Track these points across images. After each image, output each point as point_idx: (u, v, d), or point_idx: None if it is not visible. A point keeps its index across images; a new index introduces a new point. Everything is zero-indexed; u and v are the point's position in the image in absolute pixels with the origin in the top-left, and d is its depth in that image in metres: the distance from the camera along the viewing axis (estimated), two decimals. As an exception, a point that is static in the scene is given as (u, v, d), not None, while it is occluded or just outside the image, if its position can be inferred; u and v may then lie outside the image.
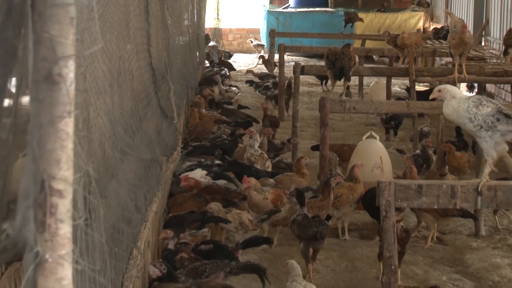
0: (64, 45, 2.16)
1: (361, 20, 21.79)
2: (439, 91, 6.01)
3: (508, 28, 18.90)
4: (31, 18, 2.22)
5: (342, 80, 12.39)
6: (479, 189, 5.71)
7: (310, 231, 7.74)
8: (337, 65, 11.95)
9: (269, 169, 10.63)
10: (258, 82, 18.84)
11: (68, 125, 2.18)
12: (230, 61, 22.61)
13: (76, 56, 2.20)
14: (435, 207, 7.52)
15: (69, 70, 2.16)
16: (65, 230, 2.17)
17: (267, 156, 10.91)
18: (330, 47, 13.68)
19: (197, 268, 6.91)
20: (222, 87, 17.72)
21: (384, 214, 5.76)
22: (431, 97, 6.54)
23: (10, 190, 2.64)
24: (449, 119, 6.12)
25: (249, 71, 20.11)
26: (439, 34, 20.16)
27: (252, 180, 8.76)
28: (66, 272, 2.17)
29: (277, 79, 17.77)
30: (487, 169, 5.79)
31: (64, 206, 2.17)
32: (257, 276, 7.42)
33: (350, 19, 20.91)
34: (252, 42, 25.91)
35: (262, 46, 25.50)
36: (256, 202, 8.70)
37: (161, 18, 10.61)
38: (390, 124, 13.79)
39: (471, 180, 6.06)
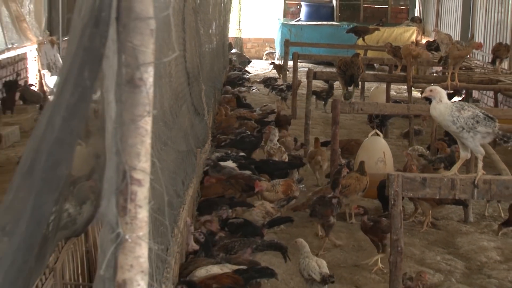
0: (145, 53, 2.16)
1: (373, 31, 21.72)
2: (431, 91, 6.01)
3: (490, 41, 18.92)
4: (116, 30, 2.22)
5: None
6: (475, 182, 5.71)
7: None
8: (348, 73, 11.93)
9: (286, 160, 10.66)
10: (274, 84, 18.95)
11: (147, 123, 2.18)
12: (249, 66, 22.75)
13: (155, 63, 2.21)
14: (437, 197, 7.55)
15: (149, 75, 2.17)
16: (143, 214, 2.18)
17: (284, 150, 10.91)
18: (341, 58, 13.68)
19: (227, 245, 6.93)
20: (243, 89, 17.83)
21: (392, 202, 5.76)
22: (423, 95, 6.57)
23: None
24: (436, 120, 6.12)
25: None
26: (431, 46, 20.14)
27: (263, 184, 8.78)
28: (143, 251, 2.18)
29: (279, 81, 18.22)
30: (480, 164, 5.80)
31: (142, 193, 2.18)
32: (277, 253, 7.46)
33: (364, 32, 20.80)
34: (266, 51, 26.13)
35: (273, 53, 25.66)
36: (270, 199, 8.72)
37: (195, 28, 10.65)
38: (375, 123, 13.72)
39: (469, 175, 6.01)
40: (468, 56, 19.64)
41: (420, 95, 14.62)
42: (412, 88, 13.74)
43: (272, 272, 6.44)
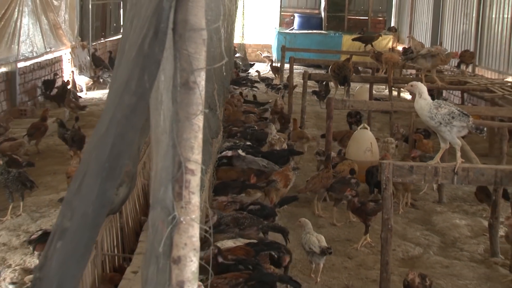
0: (198, 60, 2.13)
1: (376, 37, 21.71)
2: (411, 86, 6.00)
3: (457, 48, 18.92)
4: (173, 39, 2.18)
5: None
6: (455, 170, 5.68)
7: None
8: (341, 75, 11.95)
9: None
10: (272, 84, 18.99)
11: (200, 120, 2.15)
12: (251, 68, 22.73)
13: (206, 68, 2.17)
14: (422, 183, 7.58)
15: (201, 79, 2.14)
16: (195, 199, 2.15)
17: (283, 139, 10.86)
18: (334, 62, 13.74)
19: (238, 219, 6.88)
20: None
21: (384, 186, 5.72)
22: (404, 89, 6.56)
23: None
24: (418, 114, 6.09)
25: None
26: (407, 52, 20.16)
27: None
28: (195, 231, 2.15)
29: (275, 81, 18.36)
30: (458, 154, 5.76)
31: (195, 181, 2.15)
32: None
33: (370, 40, 21.25)
34: (261, 54, 26.13)
35: (269, 57, 25.67)
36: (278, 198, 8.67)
37: (209, 35, 10.59)
38: (353, 119, 13.64)
39: (449, 163, 5.97)
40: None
41: (396, 94, 14.70)
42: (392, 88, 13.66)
43: (279, 245, 6.42)
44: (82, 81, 18.10)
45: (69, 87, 16.35)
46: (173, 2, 2.09)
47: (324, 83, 17.26)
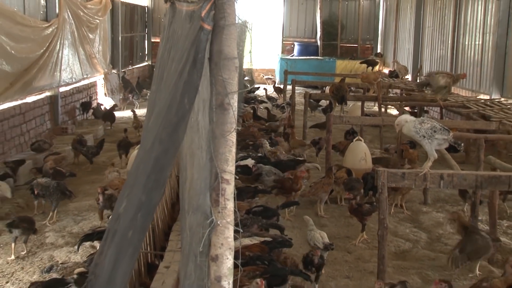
0: (232, 84, 2.13)
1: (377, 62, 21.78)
2: (397, 125, 5.93)
3: (435, 70, 18.91)
4: (209, 67, 2.18)
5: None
6: (421, 175, 5.68)
7: None
8: (339, 95, 11.96)
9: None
10: (276, 103, 18.99)
11: (233, 137, 2.14)
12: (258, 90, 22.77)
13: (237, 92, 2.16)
14: (413, 187, 7.55)
15: (234, 101, 2.14)
16: (230, 205, 2.14)
17: (279, 152, 10.70)
18: (332, 84, 13.80)
19: (242, 220, 6.81)
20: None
21: (380, 191, 5.70)
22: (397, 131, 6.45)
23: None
24: (407, 135, 6.04)
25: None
26: (392, 74, 20.18)
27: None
28: (230, 233, 2.14)
29: (279, 100, 18.41)
30: (428, 163, 5.71)
31: (229, 189, 2.14)
32: (292, 231, 7.42)
33: (374, 64, 20.98)
34: (264, 76, 26.29)
35: (271, 79, 25.75)
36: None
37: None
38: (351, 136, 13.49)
39: (438, 171, 5.93)
40: (418, 81, 19.79)
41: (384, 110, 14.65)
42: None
43: (290, 242, 6.38)
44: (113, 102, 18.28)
45: (102, 106, 16.46)
46: (209, 35, 2.09)
47: (328, 102, 17.15)
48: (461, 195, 8.72)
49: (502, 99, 13.60)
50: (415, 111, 15.27)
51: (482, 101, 13.07)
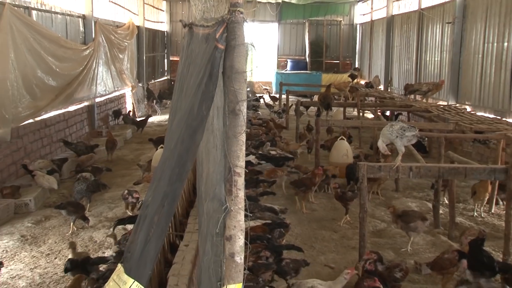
0: (242, 94, 2.09)
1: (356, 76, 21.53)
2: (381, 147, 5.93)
3: (402, 82, 18.88)
4: (223, 79, 2.15)
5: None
6: (395, 167, 5.64)
7: None
8: (326, 102, 11.88)
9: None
10: (273, 110, 18.86)
11: (243, 137, 2.10)
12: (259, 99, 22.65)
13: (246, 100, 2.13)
14: (387, 178, 7.51)
15: (244, 107, 2.10)
16: (241, 194, 2.11)
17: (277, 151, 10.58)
18: (320, 93, 13.73)
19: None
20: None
21: (360, 180, 5.67)
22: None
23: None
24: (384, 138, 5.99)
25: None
26: (368, 85, 20.10)
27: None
28: (241, 216, 2.10)
29: (275, 107, 18.27)
30: (399, 157, 5.69)
31: (240, 181, 2.10)
32: (294, 215, 7.37)
33: (355, 77, 20.79)
34: (262, 86, 26.29)
35: (267, 89, 25.68)
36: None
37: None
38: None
39: (407, 163, 5.89)
40: (389, 90, 19.74)
41: (362, 114, 14.55)
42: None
43: (286, 224, 6.34)
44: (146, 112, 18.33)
45: (129, 113, 16.43)
46: (223, 53, 2.06)
47: (316, 108, 16.98)
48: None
49: (457, 104, 13.63)
50: (387, 114, 15.24)
51: (441, 106, 13.01)
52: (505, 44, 11.96)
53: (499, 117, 11.60)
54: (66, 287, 5.18)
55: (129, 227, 6.41)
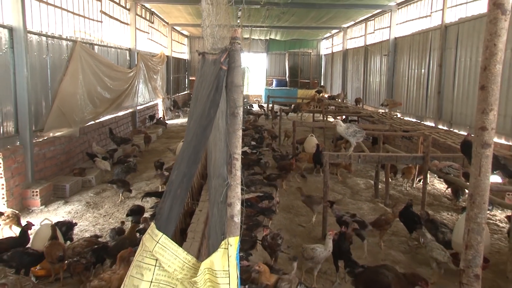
0: (239, 101, 2.05)
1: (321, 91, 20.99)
2: (336, 122, 5.79)
3: (354, 95, 18.85)
4: (226, 91, 2.10)
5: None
6: (349, 155, 5.61)
7: None
8: (297, 109, 11.78)
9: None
10: (263, 115, 18.58)
11: (240, 132, 2.05)
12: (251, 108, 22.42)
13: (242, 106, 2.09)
14: (343, 164, 7.47)
15: (240, 111, 2.05)
16: (238, 173, 2.06)
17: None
18: (293, 103, 13.56)
19: (252, 180, 6.67)
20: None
21: (324, 165, 5.63)
22: (333, 122, 6.35)
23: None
24: (340, 134, 5.94)
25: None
26: (331, 97, 20.01)
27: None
28: (238, 189, 2.06)
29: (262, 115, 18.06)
30: (351, 149, 5.67)
31: (238, 164, 2.06)
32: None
33: (320, 92, 20.18)
34: (254, 99, 26.13)
35: (258, 100, 25.51)
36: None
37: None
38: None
39: (356, 153, 5.85)
40: (345, 101, 19.67)
41: (326, 118, 14.53)
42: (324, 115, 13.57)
43: (272, 196, 6.27)
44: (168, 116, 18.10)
45: (161, 117, 16.28)
46: (226, 72, 2.03)
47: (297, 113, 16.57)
48: (454, 194, 7.27)
49: (391, 112, 13.63)
50: (344, 118, 15.24)
51: (380, 113, 13.02)
52: (422, 70, 12.08)
53: (419, 121, 11.65)
54: (126, 234, 5.05)
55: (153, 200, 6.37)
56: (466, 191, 6.29)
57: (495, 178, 5.63)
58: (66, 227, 5.19)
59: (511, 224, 4.89)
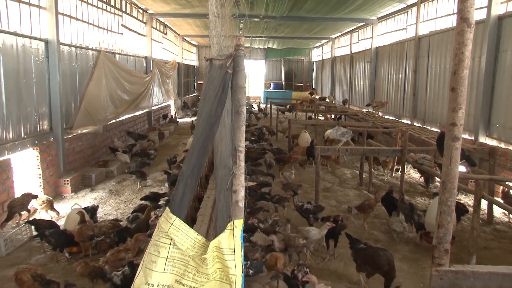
0: (242, 101, 2.03)
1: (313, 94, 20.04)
2: (328, 134, 5.81)
3: (341, 97, 18.75)
4: (231, 91, 2.08)
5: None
6: (337, 149, 5.58)
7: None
8: (291, 108, 11.69)
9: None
10: (263, 114, 18.50)
11: (244, 128, 2.03)
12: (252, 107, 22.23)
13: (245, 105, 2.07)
14: (333, 156, 7.42)
15: (244, 109, 2.03)
16: (242, 164, 2.05)
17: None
18: (288, 104, 13.44)
19: (252, 170, 6.63)
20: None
21: (316, 157, 5.61)
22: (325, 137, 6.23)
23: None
24: (330, 137, 5.91)
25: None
26: (321, 99, 19.82)
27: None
28: (242, 178, 2.05)
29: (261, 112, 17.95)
30: (340, 144, 5.67)
31: (242, 156, 2.04)
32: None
33: (312, 94, 19.46)
34: (255, 100, 25.96)
35: (258, 101, 25.40)
36: None
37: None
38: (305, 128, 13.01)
39: (343, 147, 5.83)
40: (334, 102, 19.54)
41: (317, 117, 14.45)
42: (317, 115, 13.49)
43: (270, 184, 6.26)
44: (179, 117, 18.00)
45: (173, 116, 16.20)
46: (231, 75, 2.00)
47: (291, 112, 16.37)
48: (426, 181, 7.25)
49: (374, 111, 13.57)
50: (333, 116, 15.18)
51: (364, 112, 12.97)
52: (400, 75, 12.10)
53: (397, 119, 11.62)
54: (143, 216, 4.99)
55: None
56: (437, 179, 6.28)
57: (461, 168, 5.62)
58: (92, 211, 5.26)
59: (474, 206, 4.90)
